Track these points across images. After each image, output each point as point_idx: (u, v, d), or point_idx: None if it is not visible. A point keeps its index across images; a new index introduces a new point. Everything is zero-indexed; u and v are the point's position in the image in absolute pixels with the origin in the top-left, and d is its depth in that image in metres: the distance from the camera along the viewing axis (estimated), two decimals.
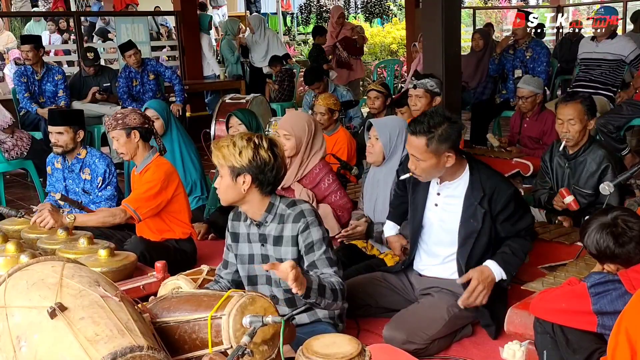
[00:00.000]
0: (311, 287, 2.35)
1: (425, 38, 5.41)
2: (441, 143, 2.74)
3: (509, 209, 2.86)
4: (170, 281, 2.97)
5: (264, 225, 2.63)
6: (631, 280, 2.18)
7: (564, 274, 2.98)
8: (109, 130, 3.79)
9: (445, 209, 2.96)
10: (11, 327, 1.95)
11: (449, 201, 2.95)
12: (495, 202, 2.85)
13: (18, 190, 6.47)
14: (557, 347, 2.35)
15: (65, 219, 3.57)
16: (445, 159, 2.79)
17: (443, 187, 2.96)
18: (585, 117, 3.65)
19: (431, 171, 2.84)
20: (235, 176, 2.49)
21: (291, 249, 2.60)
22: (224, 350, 2.10)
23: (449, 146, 2.76)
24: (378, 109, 5.59)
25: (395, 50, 14.32)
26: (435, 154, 2.76)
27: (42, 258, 2.24)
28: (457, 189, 2.92)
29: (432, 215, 3.00)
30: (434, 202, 2.98)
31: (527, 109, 5.33)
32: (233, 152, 2.46)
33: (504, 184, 2.92)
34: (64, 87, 6.87)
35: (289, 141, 3.73)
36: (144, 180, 3.75)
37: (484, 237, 2.89)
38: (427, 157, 2.77)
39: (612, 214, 2.29)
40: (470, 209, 2.87)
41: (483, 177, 2.87)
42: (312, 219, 2.59)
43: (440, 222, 2.98)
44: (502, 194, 2.85)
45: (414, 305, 3.00)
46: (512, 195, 2.87)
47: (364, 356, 1.99)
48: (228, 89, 8.86)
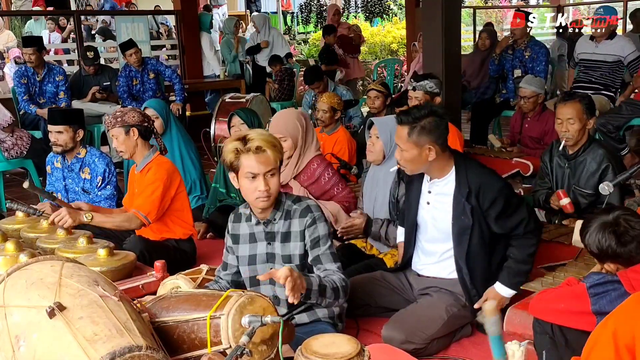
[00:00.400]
0: (311, 288, 2.36)
1: (426, 37, 5.41)
2: (423, 135, 2.80)
3: (498, 203, 2.85)
4: (170, 281, 2.97)
5: (272, 223, 2.64)
6: (630, 280, 2.18)
7: (564, 274, 2.97)
8: (109, 128, 3.79)
9: (437, 207, 2.97)
10: (10, 326, 1.95)
11: (439, 199, 2.96)
12: (482, 198, 2.85)
13: (17, 190, 6.46)
14: (556, 347, 2.35)
15: (83, 218, 3.55)
16: (427, 152, 2.82)
17: (433, 185, 2.98)
18: (584, 116, 3.64)
19: (414, 162, 2.87)
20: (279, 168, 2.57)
21: (299, 244, 2.62)
22: (222, 350, 2.10)
23: (431, 139, 2.80)
24: (378, 109, 5.59)
25: (396, 49, 14.32)
26: (417, 145, 2.81)
27: (41, 257, 2.24)
28: (446, 187, 2.94)
29: (425, 213, 3.02)
30: (426, 200, 3.01)
31: (528, 109, 5.32)
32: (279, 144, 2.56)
33: (491, 179, 2.91)
34: (64, 89, 6.84)
35: (285, 142, 3.70)
36: (147, 181, 3.73)
37: (477, 233, 2.89)
38: (408, 147, 2.83)
39: (613, 213, 2.29)
40: (459, 206, 2.88)
41: (470, 173, 2.88)
42: (319, 214, 2.63)
43: (432, 220, 3.00)
44: (489, 189, 2.85)
45: (413, 305, 3.00)
46: (500, 190, 2.87)
47: (363, 356, 1.98)
48: (228, 88, 8.87)
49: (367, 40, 14.44)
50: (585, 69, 6.21)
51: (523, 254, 2.90)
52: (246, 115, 4.63)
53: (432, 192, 2.98)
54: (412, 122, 2.80)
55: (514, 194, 2.96)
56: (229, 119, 4.72)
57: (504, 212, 2.87)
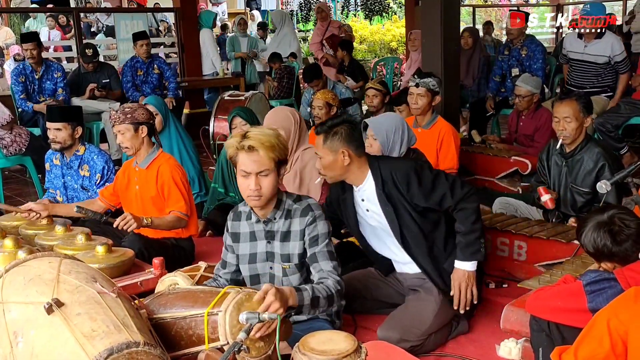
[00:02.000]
0: (303, 304, 2.31)
1: (425, 36, 5.41)
2: (337, 141, 2.89)
3: (412, 181, 2.88)
4: (168, 278, 2.97)
5: (272, 222, 2.64)
6: (627, 278, 2.19)
7: (561, 272, 2.98)
8: (116, 123, 3.74)
9: (374, 210, 3.01)
10: (8, 322, 1.95)
11: (371, 202, 3.00)
12: (399, 183, 2.90)
13: (16, 187, 6.47)
14: (553, 344, 2.35)
15: (144, 222, 3.58)
16: (342, 157, 2.89)
17: (361, 192, 3.02)
18: (581, 114, 3.65)
19: (331, 168, 2.94)
20: (278, 169, 2.55)
21: (298, 243, 2.62)
22: (220, 347, 2.10)
23: (345, 144, 2.89)
24: (377, 107, 5.59)
25: (395, 48, 14.32)
26: (331, 150, 2.90)
27: (39, 254, 2.24)
28: (370, 188, 2.98)
29: (371, 220, 3.05)
30: (365, 208, 3.04)
31: (522, 108, 5.34)
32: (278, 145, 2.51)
33: (400, 163, 3.01)
34: (63, 85, 6.84)
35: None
36: (165, 180, 3.74)
37: (406, 219, 2.93)
38: (324, 153, 2.92)
39: (608, 213, 2.30)
40: (382, 199, 2.94)
41: (382, 167, 2.95)
42: (319, 213, 2.63)
43: (379, 224, 3.03)
44: (400, 171, 2.91)
45: (403, 304, 3.04)
46: (409, 168, 2.91)
47: (360, 353, 1.99)
48: (227, 86, 8.86)
49: (367, 38, 14.45)
50: (576, 71, 6.17)
51: (466, 224, 2.89)
52: (247, 115, 4.63)
53: (365, 199, 3.02)
54: (327, 130, 2.91)
55: (426, 169, 2.96)
56: (230, 120, 4.73)
57: (423, 187, 2.89)
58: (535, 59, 6.52)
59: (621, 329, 1.79)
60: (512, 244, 3.71)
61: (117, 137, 3.81)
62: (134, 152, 3.80)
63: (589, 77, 6.09)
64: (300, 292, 2.32)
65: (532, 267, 3.57)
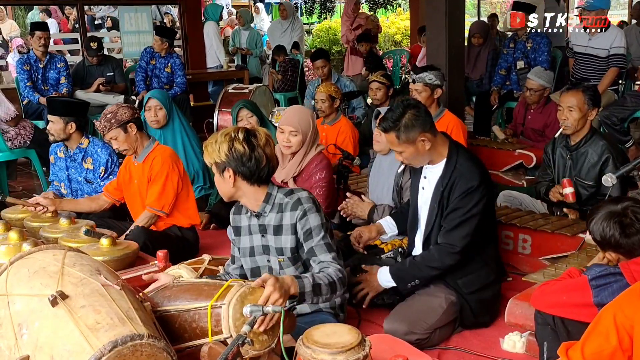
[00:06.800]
0: (304, 291, 2.31)
1: (429, 28, 5.38)
2: (411, 132, 2.82)
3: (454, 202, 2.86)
4: (172, 270, 2.98)
5: (263, 215, 2.63)
6: (632, 272, 2.18)
7: (566, 265, 2.97)
8: (105, 132, 3.75)
9: (427, 196, 3.00)
10: (12, 314, 1.95)
11: (429, 184, 2.99)
12: (452, 192, 2.87)
13: (21, 179, 6.49)
14: (557, 338, 2.35)
15: None
16: (422, 143, 2.85)
17: (427, 170, 3.01)
18: (586, 106, 3.63)
19: (416, 158, 2.92)
20: (221, 171, 2.53)
21: (290, 237, 2.60)
22: (223, 340, 2.10)
23: (419, 131, 2.83)
24: (380, 100, 5.56)
25: (400, 40, 14.27)
26: (409, 142, 2.84)
27: (43, 246, 2.24)
28: (435, 173, 2.96)
29: (420, 200, 3.06)
30: (422, 185, 3.04)
31: (532, 101, 5.30)
32: (214, 149, 2.50)
33: (470, 174, 2.87)
34: (66, 74, 6.88)
35: (295, 137, 3.63)
36: (154, 172, 3.76)
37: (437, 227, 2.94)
38: (404, 147, 2.87)
39: (622, 204, 2.28)
40: (436, 198, 2.92)
41: (459, 161, 2.89)
42: (310, 206, 2.59)
43: (425, 206, 3.03)
44: (461, 184, 2.85)
45: (411, 297, 3.02)
46: (468, 190, 2.84)
47: (364, 346, 1.99)
48: (231, 78, 8.84)
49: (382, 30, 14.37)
50: (581, 65, 6.13)
51: (427, 261, 2.92)
52: (253, 107, 4.64)
53: (427, 177, 3.02)
54: (393, 125, 2.84)
55: (475, 199, 2.86)
56: (237, 112, 4.72)
57: (451, 213, 2.86)
58: (540, 51, 6.48)
59: (627, 324, 1.78)
60: (516, 238, 3.70)
61: (113, 144, 3.83)
62: (134, 151, 3.82)
63: (592, 71, 6.05)
64: (301, 279, 2.32)
65: (536, 260, 3.56)
